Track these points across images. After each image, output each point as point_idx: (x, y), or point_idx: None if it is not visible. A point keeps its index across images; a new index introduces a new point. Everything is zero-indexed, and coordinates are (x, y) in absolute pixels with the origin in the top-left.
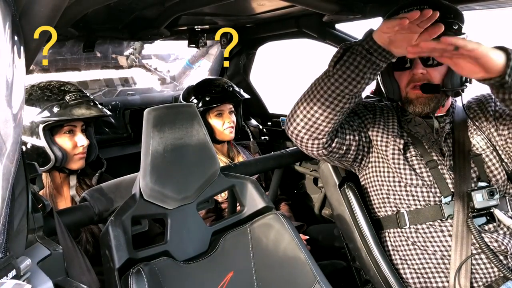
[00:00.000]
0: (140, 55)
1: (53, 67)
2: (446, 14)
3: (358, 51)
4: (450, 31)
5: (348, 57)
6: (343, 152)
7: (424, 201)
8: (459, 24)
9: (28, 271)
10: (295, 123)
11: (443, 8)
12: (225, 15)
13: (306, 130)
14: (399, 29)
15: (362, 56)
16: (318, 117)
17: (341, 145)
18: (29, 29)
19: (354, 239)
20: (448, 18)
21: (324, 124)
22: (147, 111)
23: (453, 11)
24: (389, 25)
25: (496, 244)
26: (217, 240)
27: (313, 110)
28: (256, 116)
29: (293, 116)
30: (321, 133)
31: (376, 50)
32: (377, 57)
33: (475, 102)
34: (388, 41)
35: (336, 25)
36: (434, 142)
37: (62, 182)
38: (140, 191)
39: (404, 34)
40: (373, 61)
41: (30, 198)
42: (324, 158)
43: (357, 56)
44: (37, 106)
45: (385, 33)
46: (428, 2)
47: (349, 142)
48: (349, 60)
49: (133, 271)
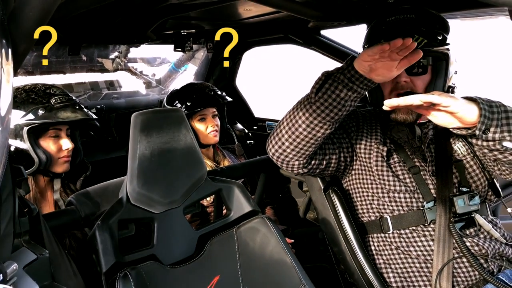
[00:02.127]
0: (125, 59)
1: (38, 70)
2: (431, 24)
3: (340, 79)
4: (435, 41)
5: (330, 85)
6: (323, 167)
7: (407, 206)
8: (443, 35)
9: (14, 276)
10: (276, 146)
11: (429, 17)
12: (212, 20)
13: (287, 154)
14: (380, 57)
15: (343, 85)
16: (299, 141)
17: (321, 161)
18: (17, 32)
19: (339, 243)
20: (433, 28)
21: (305, 148)
22: (134, 115)
23: (439, 21)
24: (370, 53)
25: (477, 248)
26: (203, 244)
27: (295, 135)
28: (242, 120)
29: (275, 138)
30: (302, 156)
31: (357, 78)
32: (358, 85)
33: None
34: (369, 69)
35: (321, 31)
36: (416, 148)
37: (46, 186)
38: (127, 195)
39: (384, 62)
40: (355, 89)
41: (16, 202)
42: (305, 175)
43: (339, 85)
44: (22, 109)
45: (366, 61)
46: (413, 11)
47: (329, 157)
48: (331, 88)
49: (120, 275)
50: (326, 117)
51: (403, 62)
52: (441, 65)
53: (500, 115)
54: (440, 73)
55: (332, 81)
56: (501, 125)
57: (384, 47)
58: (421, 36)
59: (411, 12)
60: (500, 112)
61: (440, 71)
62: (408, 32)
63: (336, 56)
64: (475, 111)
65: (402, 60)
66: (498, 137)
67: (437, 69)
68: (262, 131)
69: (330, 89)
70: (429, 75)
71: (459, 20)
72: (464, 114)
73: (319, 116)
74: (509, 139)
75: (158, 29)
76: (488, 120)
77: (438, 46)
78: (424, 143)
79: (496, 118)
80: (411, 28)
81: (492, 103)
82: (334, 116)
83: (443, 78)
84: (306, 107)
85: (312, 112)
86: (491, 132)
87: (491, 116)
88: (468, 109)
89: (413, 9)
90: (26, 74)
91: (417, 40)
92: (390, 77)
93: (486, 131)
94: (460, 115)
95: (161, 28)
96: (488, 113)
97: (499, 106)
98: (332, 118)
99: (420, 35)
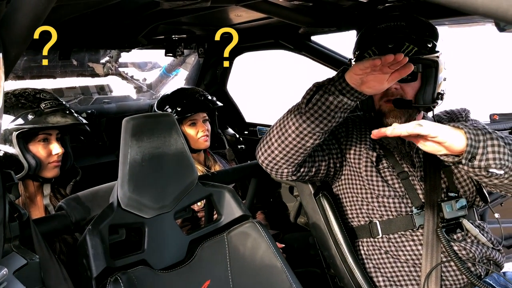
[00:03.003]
0: (116, 63)
1: (28, 75)
2: (421, 31)
3: (330, 91)
4: (425, 49)
5: (321, 96)
6: (312, 174)
7: (396, 211)
8: (433, 42)
9: (4, 281)
10: (266, 154)
11: (419, 25)
12: (203, 25)
13: (276, 162)
14: (371, 71)
15: (334, 96)
16: (288, 150)
17: (310, 168)
18: (8, 37)
19: (329, 247)
20: (423, 36)
21: (294, 157)
22: (125, 120)
23: (429, 29)
24: (361, 67)
25: (464, 252)
26: (194, 249)
27: (284, 144)
28: (233, 125)
29: (264, 146)
30: (290, 164)
31: (348, 91)
32: (349, 97)
33: (446, 117)
34: (360, 82)
35: (311, 37)
36: (405, 154)
37: (36, 191)
38: (118, 200)
39: (375, 75)
40: (345, 101)
41: (7, 207)
42: (294, 181)
43: (330, 96)
44: (11, 114)
45: (357, 75)
46: (403, 18)
47: (318, 164)
48: (321, 99)
49: (110, 280)
50: (316, 127)
51: (394, 75)
52: (431, 72)
53: (486, 143)
54: (429, 80)
55: (323, 92)
56: (487, 152)
57: (376, 62)
58: (411, 44)
59: (401, 19)
60: (486, 140)
61: (429, 78)
62: (399, 40)
63: (327, 61)
64: (462, 140)
65: (393, 73)
66: (484, 164)
67: (427, 76)
68: (253, 136)
69: (321, 100)
70: (419, 82)
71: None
72: (452, 143)
73: (309, 127)
74: (494, 166)
75: (149, 34)
76: (474, 148)
77: (428, 54)
78: (413, 149)
79: (482, 146)
80: (401, 36)
81: (479, 131)
82: (323, 127)
83: (432, 85)
84: (296, 117)
85: (302, 122)
86: (477, 160)
87: (477, 144)
88: (455, 138)
89: (403, 16)
90: (16, 78)
91: (407, 48)
92: (381, 89)
93: (472, 159)
94: (447, 145)
95: (152, 33)
96: (474, 142)
97: (485, 134)
98: (322, 129)
99: (411, 43)
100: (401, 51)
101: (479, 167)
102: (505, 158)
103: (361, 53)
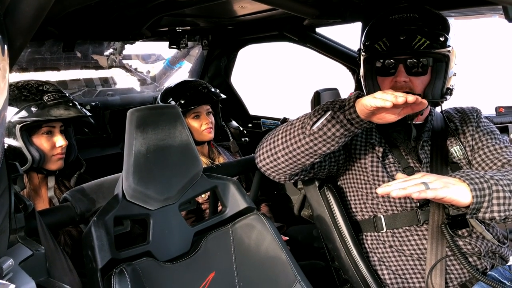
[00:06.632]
0: (120, 56)
1: (32, 67)
2: (434, 24)
3: (339, 119)
4: (437, 43)
5: (328, 121)
6: (311, 175)
7: (401, 206)
8: (445, 36)
9: (10, 272)
10: (264, 161)
11: (431, 17)
12: (207, 17)
13: (274, 169)
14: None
15: (342, 125)
16: (287, 164)
17: (310, 171)
18: (13, 28)
19: (333, 240)
20: (436, 29)
21: (292, 170)
22: (130, 111)
23: (441, 22)
24: (373, 103)
25: (469, 247)
26: (199, 241)
27: (284, 157)
28: (237, 118)
29: (264, 154)
30: (287, 173)
31: (357, 122)
32: (357, 127)
33: (458, 116)
34: (371, 114)
35: (316, 29)
36: (411, 149)
37: (40, 183)
38: (123, 191)
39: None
40: (352, 130)
41: (12, 198)
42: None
43: (337, 124)
44: (15, 106)
45: (369, 109)
46: (416, 10)
47: (318, 165)
48: (328, 125)
49: (116, 271)
50: (318, 150)
51: (406, 109)
52: (441, 67)
53: (491, 196)
54: (439, 74)
55: (331, 117)
56: (492, 205)
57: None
58: (423, 37)
59: (413, 11)
60: (492, 192)
61: (439, 73)
62: (411, 32)
63: (331, 54)
64: (468, 196)
65: (405, 107)
66: (488, 217)
67: (437, 70)
68: (257, 128)
69: (327, 126)
70: (428, 76)
71: (453, 19)
72: (458, 201)
73: (311, 148)
74: (499, 218)
75: (153, 26)
76: (479, 204)
77: (439, 48)
78: (419, 144)
79: (487, 200)
80: (414, 29)
81: (484, 184)
82: (326, 150)
83: (442, 79)
84: (300, 136)
85: (305, 143)
86: (481, 213)
87: (482, 199)
88: (461, 196)
89: (415, 8)
90: (20, 70)
91: (419, 41)
92: (391, 121)
93: (477, 212)
94: (454, 203)
95: (156, 25)
96: (480, 198)
97: (490, 187)
98: (324, 152)
99: (423, 36)
100: (412, 44)
101: (483, 219)
102: (509, 209)
103: (372, 44)
